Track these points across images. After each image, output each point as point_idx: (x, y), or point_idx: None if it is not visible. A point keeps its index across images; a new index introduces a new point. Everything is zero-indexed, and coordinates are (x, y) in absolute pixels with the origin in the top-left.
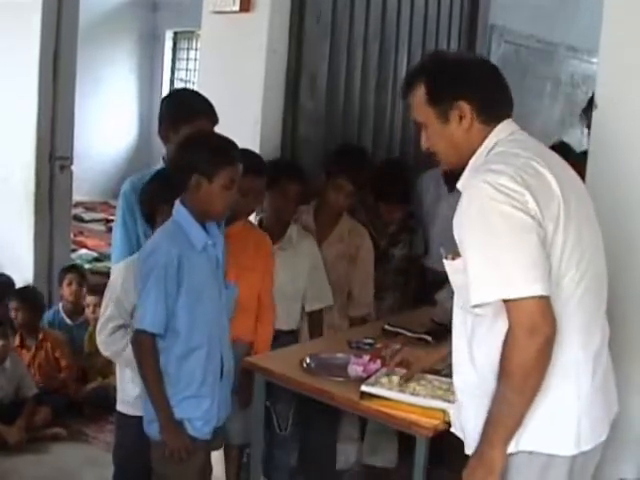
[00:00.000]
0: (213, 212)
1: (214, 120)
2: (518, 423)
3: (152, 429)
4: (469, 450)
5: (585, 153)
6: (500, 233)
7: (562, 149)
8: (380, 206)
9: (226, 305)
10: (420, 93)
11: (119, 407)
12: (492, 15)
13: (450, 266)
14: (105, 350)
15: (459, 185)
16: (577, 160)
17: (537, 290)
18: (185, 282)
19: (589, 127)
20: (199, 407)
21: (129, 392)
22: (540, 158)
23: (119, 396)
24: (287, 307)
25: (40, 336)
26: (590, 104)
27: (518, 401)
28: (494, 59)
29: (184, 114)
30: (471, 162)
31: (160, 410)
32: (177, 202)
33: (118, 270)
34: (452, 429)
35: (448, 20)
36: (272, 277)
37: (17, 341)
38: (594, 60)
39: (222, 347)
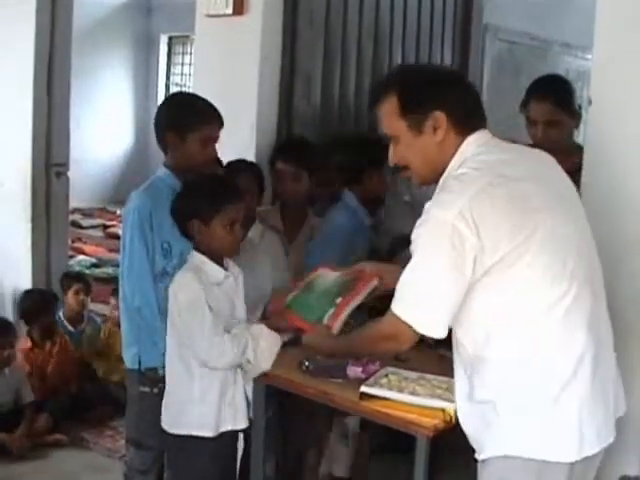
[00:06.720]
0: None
1: (220, 124)
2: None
3: None
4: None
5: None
6: (423, 267)
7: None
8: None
9: None
10: (391, 104)
11: (181, 431)
12: (486, 14)
13: None
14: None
15: (427, 204)
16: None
17: (411, 322)
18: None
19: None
20: None
21: (191, 411)
22: (500, 177)
23: (183, 420)
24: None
25: (56, 337)
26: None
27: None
28: (488, 57)
29: (190, 121)
30: (442, 180)
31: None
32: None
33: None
34: None
35: (442, 20)
36: None
37: (28, 343)
38: (588, 56)
39: None
